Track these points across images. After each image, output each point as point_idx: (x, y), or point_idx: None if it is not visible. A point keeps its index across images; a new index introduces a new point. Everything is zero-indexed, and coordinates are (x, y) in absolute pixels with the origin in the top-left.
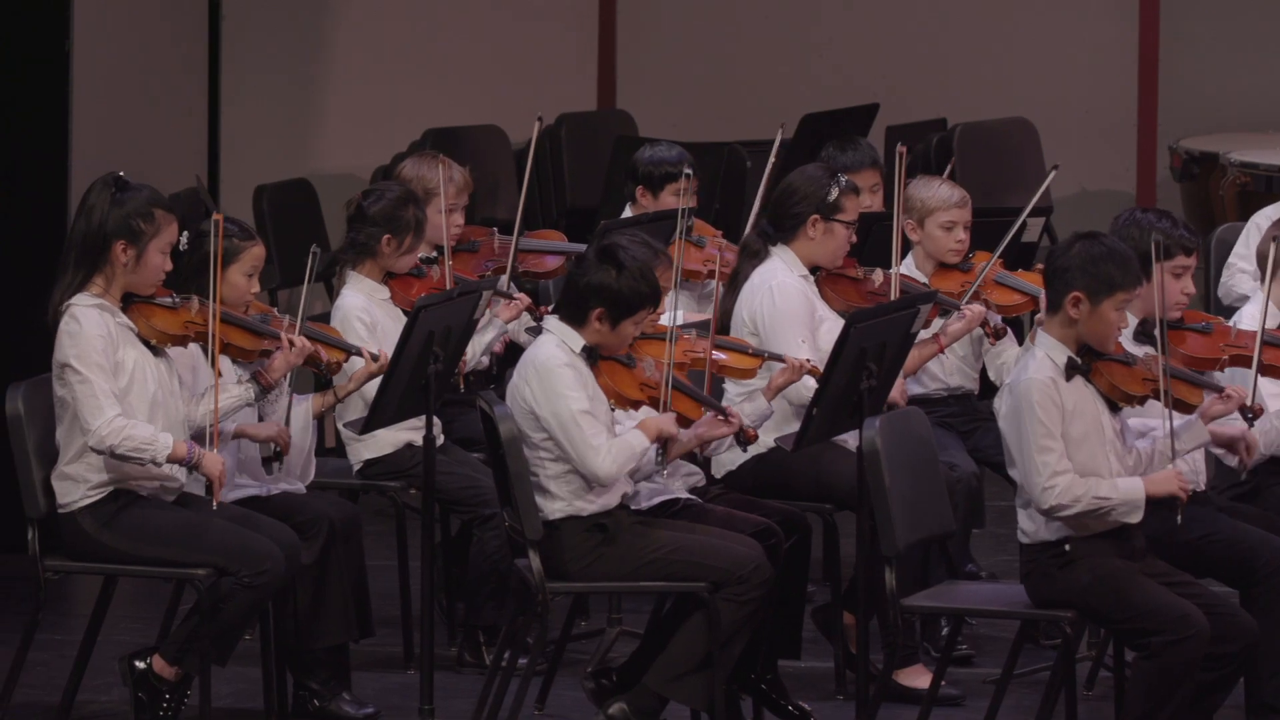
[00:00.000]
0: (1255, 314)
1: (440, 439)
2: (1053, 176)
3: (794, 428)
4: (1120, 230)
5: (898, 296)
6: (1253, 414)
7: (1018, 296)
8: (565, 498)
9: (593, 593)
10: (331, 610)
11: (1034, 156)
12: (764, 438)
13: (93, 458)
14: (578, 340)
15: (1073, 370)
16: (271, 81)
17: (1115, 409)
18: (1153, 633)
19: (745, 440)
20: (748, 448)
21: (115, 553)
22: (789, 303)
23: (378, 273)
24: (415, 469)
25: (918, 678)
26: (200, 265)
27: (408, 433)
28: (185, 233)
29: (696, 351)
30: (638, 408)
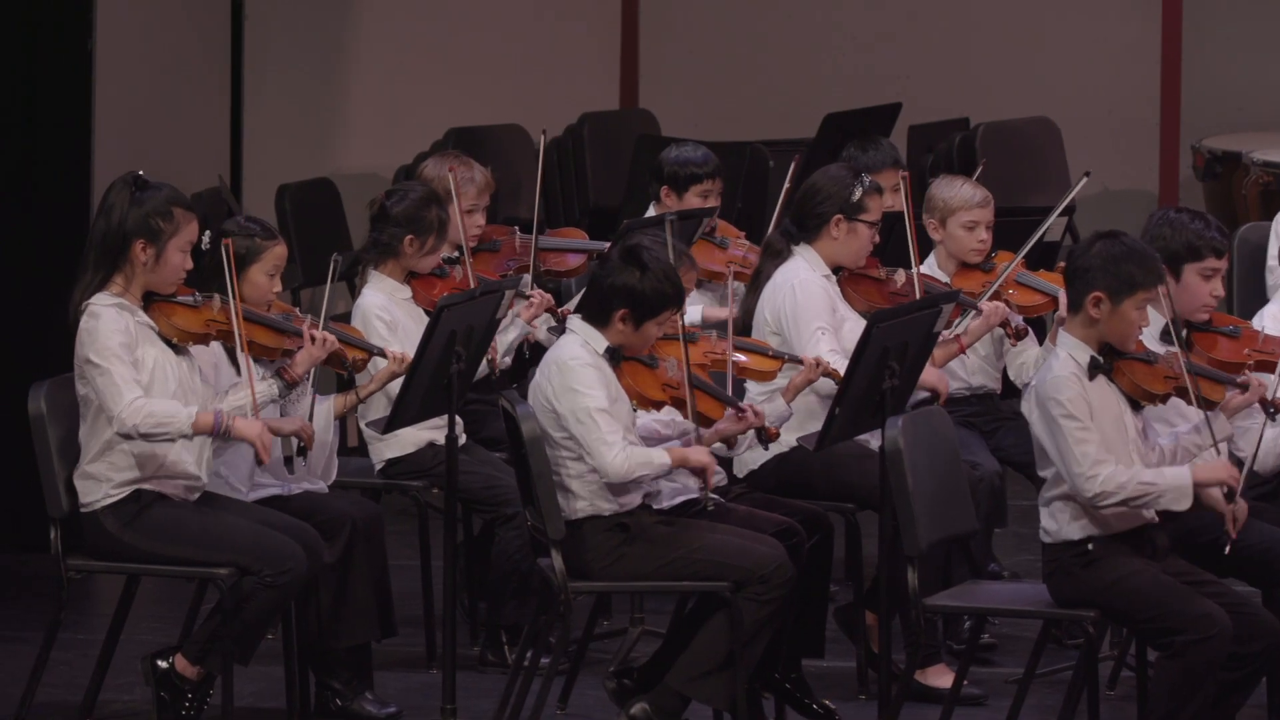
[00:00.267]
0: (1278, 314)
1: (462, 438)
2: (1084, 183)
3: (816, 427)
4: (1153, 229)
5: (920, 297)
6: (1274, 409)
7: (1038, 296)
8: (587, 497)
9: (615, 592)
10: (354, 610)
11: (1056, 156)
12: (786, 437)
13: (115, 456)
14: (601, 341)
15: (1095, 370)
16: (294, 81)
17: (1137, 407)
18: (1175, 632)
19: (767, 439)
20: (769, 446)
21: (138, 552)
22: (810, 297)
23: (400, 272)
24: (437, 468)
25: (940, 677)
26: (222, 264)
27: (430, 432)
28: (207, 232)
29: (717, 353)
30: (660, 408)
